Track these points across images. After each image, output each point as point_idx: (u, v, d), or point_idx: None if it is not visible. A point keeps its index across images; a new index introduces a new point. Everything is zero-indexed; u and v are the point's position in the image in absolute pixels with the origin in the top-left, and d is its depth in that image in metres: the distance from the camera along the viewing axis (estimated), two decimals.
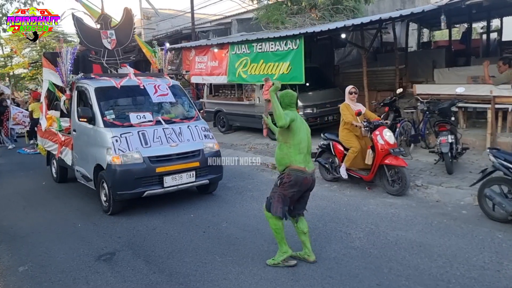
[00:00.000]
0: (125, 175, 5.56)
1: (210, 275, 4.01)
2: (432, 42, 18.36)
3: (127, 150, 5.65)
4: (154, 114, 6.35)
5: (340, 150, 6.83)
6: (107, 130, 5.83)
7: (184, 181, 5.97)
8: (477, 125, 8.86)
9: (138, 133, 5.83)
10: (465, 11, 10.79)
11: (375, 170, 6.34)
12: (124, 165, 5.59)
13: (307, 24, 10.72)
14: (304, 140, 4.00)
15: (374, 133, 6.29)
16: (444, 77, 10.01)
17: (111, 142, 5.66)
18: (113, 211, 5.81)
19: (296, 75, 9.31)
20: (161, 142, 5.90)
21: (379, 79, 11.66)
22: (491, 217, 5.02)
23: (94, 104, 6.16)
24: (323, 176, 7.23)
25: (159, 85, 6.61)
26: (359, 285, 3.70)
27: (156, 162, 5.74)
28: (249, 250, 4.53)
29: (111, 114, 6.10)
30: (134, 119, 6.06)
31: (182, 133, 6.15)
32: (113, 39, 7.19)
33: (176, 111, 6.79)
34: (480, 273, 3.79)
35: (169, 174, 5.79)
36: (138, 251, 4.64)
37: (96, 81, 6.46)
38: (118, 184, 5.58)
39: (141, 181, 5.64)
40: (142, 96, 6.61)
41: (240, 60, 10.53)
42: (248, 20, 13.22)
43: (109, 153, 5.65)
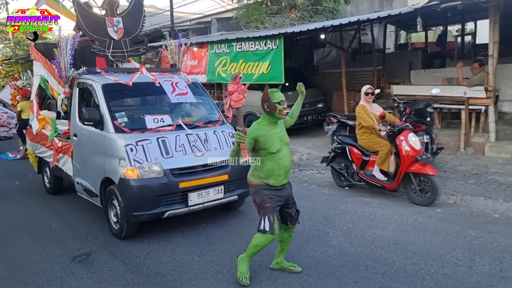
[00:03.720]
0: (142, 192, 4.60)
1: (188, 275, 3.99)
2: (409, 44, 18.75)
3: (144, 161, 4.63)
4: (174, 117, 5.35)
5: (358, 155, 6.30)
6: (119, 137, 4.78)
7: (211, 197, 4.98)
8: (451, 126, 9.09)
9: (158, 140, 4.78)
10: (441, 14, 11.06)
11: (400, 179, 5.81)
12: (141, 179, 4.61)
13: (286, 24, 10.79)
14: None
15: (398, 138, 5.77)
16: (420, 78, 10.22)
17: (124, 151, 4.59)
18: (127, 235, 4.82)
19: (275, 75, 9.36)
20: (184, 151, 4.87)
21: (357, 80, 11.82)
22: None
23: (102, 105, 5.08)
24: (337, 182, 6.75)
25: (176, 83, 5.54)
26: (336, 283, 3.74)
27: (179, 176, 4.77)
28: (228, 249, 4.52)
29: (123, 117, 5.06)
30: (151, 123, 5.05)
31: (208, 140, 5.10)
32: (120, 27, 6.10)
33: (198, 113, 5.79)
34: (453, 269, 3.89)
35: (195, 190, 4.83)
36: (115, 252, 4.58)
37: (103, 77, 5.36)
38: (134, 203, 4.61)
39: (161, 199, 4.67)
40: (158, 96, 5.73)
41: (219, 60, 10.50)
42: (228, 20, 13.20)
43: (122, 164, 4.64)
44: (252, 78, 9.86)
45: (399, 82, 10.87)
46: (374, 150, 6.09)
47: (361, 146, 6.25)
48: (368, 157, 6.21)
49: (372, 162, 6.16)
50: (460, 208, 5.52)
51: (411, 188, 5.79)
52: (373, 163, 6.13)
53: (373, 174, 6.09)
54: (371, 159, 6.17)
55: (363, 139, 6.21)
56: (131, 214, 4.62)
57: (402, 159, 5.71)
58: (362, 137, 6.22)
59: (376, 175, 6.06)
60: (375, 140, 6.08)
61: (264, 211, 3.62)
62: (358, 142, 6.29)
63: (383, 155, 5.92)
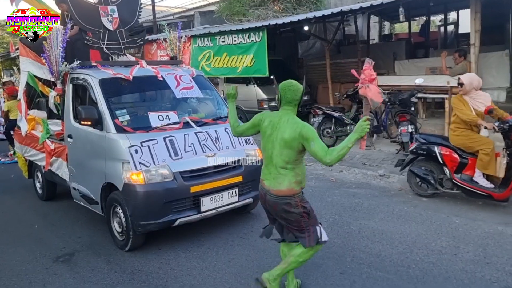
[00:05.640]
0: (150, 199, 4.16)
1: (173, 272, 3.94)
2: (393, 34, 18.84)
3: (151, 164, 4.19)
4: (180, 113, 4.93)
5: (454, 157, 5.19)
6: (122, 137, 4.33)
7: (226, 201, 4.57)
8: (436, 115, 9.16)
9: (165, 140, 4.37)
10: (423, 4, 11.12)
11: None
12: (149, 184, 4.15)
13: (269, 16, 10.73)
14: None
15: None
16: (405, 68, 10.27)
17: (128, 154, 4.17)
18: (133, 246, 4.35)
19: (259, 67, 9.31)
20: (194, 151, 4.46)
21: (342, 71, 11.79)
22: None
23: (100, 102, 4.60)
24: (416, 190, 5.67)
25: (181, 76, 5.12)
26: (322, 275, 3.73)
27: (190, 179, 4.33)
28: (214, 244, 4.48)
29: (125, 115, 4.61)
30: (156, 121, 4.62)
31: (219, 138, 4.70)
32: (115, 17, 5.60)
33: (206, 109, 5.36)
34: (438, 257, 3.91)
35: (207, 194, 4.42)
36: (99, 251, 4.50)
37: (100, 71, 4.89)
38: (140, 211, 4.16)
39: (171, 205, 4.23)
40: (162, 91, 5.32)
41: (203, 53, 10.40)
42: (211, 13, 13.07)
43: (126, 168, 4.18)
44: (236, 72, 9.81)
45: (384, 72, 10.90)
46: (473, 150, 5.07)
47: (454, 145, 5.25)
48: (466, 160, 5.13)
49: (471, 166, 5.10)
50: (444, 196, 5.55)
51: None
52: (472, 167, 5.09)
53: (474, 180, 5.04)
54: (470, 161, 5.12)
55: (457, 136, 5.17)
56: (138, 224, 4.16)
57: None
58: (455, 133, 5.18)
59: (479, 181, 5.00)
60: (473, 138, 5.05)
61: (315, 218, 3.21)
62: (450, 140, 5.29)
63: (486, 156, 4.89)
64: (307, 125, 3.01)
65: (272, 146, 3.10)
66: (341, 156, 2.84)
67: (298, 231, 3.14)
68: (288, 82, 3.15)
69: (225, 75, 10.36)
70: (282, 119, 3.09)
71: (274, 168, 3.10)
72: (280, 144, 3.04)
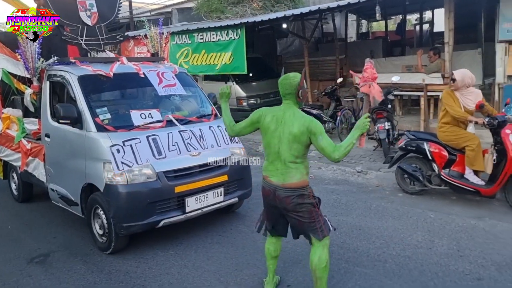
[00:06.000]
0: (133, 200, 4.07)
1: (152, 271, 3.91)
2: (370, 33, 19.12)
3: (134, 163, 4.09)
4: (163, 111, 4.82)
5: (442, 154, 5.20)
6: (103, 136, 4.21)
7: (211, 201, 4.52)
8: (412, 112, 9.34)
9: (148, 139, 4.27)
10: (400, 3, 11.30)
11: (503, 182, 4.79)
12: (132, 185, 4.07)
13: (248, 14, 10.71)
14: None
15: (503, 131, 4.74)
16: (382, 66, 10.39)
17: (110, 153, 4.06)
18: (116, 248, 4.23)
19: (238, 65, 9.30)
20: (178, 150, 4.38)
21: (320, 69, 11.91)
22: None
23: (79, 100, 4.45)
24: (404, 187, 5.67)
25: (163, 73, 5.01)
26: (302, 271, 3.76)
27: (175, 179, 4.27)
28: (193, 243, 4.46)
29: (106, 113, 4.48)
30: (138, 120, 4.49)
31: (204, 136, 4.63)
32: (93, 12, 5.41)
33: (189, 107, 5.28)
34: (413, 251, 3.99)
35: (192, 194, 4.35)
36: (75, 251, 4.42)
37: (79, 68, 4.73)
38: (123, 213, 4.06)
39: (155, 206, 4.14)
40: (143, 88, 5.19)
41: (181, 51, 10.32)
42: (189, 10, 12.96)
43: (108, 168, 4.08)
44: (214, 69, 9.78)
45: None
46: (459, 146, 5.11)
47: (442, 142, 5.27)
48: (455, 156, 5.17)
49: (459, 162, 5.15)
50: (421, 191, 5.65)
51: None
52: (460, 163, 5.15)
53: (465, 177, 5.09)
54: (458, 158, 5.16)
55: (444, 133, 5.21)
56: (120, 226, 4.05)
57: (509, 157, 4.67)
58: (442, 130, 5.22)
59: (470, 178, 5.04)
60: (459, 134, 5.09)
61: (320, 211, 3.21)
62: (438, 136, 5.32)
63: (471, 152, 4.95)
64: (314, 119, 3.02)
65: (279, 141, 3.04)
66: (347, 152, 2.89)
67: (310, 224, 3.12)
68: (284, 75, 3.14)
69: (204, 72, 10.30)
70: (287, 113, 3.05)
71: (281, 163, 3.05)
72: (289, 138, 3.00)
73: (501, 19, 7.15)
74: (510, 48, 7.15)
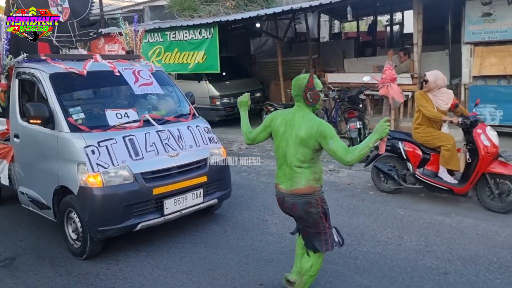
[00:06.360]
0: (109, 202, 3.95)
1: (122, 272, 3.84)
2: (343, 33, 19.37)
3: (110, 165, 3.94)
4: (139, 111, 4.65)
5: (417, 153, 5.28)
6: (76, 137, 4.04)
7: (190, 203, 4.41)
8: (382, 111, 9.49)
9: (124, 140, 4.11)
10: (370, 4, 11.48)
11: (475, 180, 4.88)
12: (107, 187, 3.93)
13: (221, 13, 10.67)
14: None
15: (475, 131, 4.83)
16: (353, 66, 10.58)
17: (84, 154, 3.90)
18: (91, 253, 4.07)
19: (211, 64, 9.27)
20: (156, 151, 4.23)
21: (294, 69, 11.97)
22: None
23: (51, 98, 4.26)
24: (380, 186, 5.73)
25: (139, 71, 4.85)
26: (274, 270, 3.78)
27: (152, 180, 4.14)
28: (165, 243, 4.41)
29: (79, 113, 4.30)
30: (113, 119, 4.33)
31: (182, 136, 4.49)
32: (65, 7, 5.27)
33: (167, 106, 5.12)
34: (383, 248, 4.08)
35: (171, 196, 4.24)
36: (43, 254, 4.29)
37: (50, 65, 4.53)
38: (99, 216, 3.92)
39: (132, 209, 4.01)
40: (119, 87, 5.00)
41: (153, 49, 10.19)
42: (161, 8, 12.80)
43: (82, 170, 3.92)
44: (187, 68, 9.71)
45: (334, 70, 11.18)
46: (434, 146, 5.20)
47: (417, 141, 5.32)
48: (428, 155, 5.26)
49: (433, 161, 5.24)
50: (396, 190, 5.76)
51: (485, 191, 4.93)
52: (434, 162, 5.23)
53: (439, 176, 5.17)
54: (432, 157, 5.25)
55: (419, 134, 5.25)
56: (96, 230, 3.90)
57: (480, 156, 4.75)
58: (417, 131, 5.26)
59: (443, 177, 5.12)
60: (434, 134, 5.17)
61: (330, 222, 3.07)
62: (414, 137, 5.36)
63: (447, 151, 5.03)
64: (324, 122, 2.89)
65: (286, 145, 2.94)
66: (362, 155, 2.73)
67: (314, 235, 2.99)
68: (297, 77, 3.01)
69: (176, 71, 10.20)
70: (296, 115, 2.95)
71: (288, 168, 2.94)
72: (296, 142, 2.88)
73: (467, 21, 7.39)
74: (475, 50, 7.40)
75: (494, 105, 7.24)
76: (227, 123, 10.57)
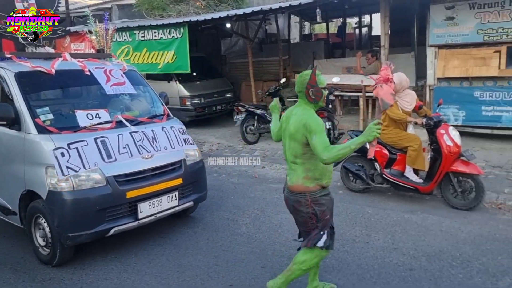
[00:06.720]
0: (80, 207, 3.78)
1: (89, 277, 3.74)
2: (313, 34, 19.57)
3: (81, 168, 3.78)
4: (111, 111, 4.50)
5: (383, 153, 5.36)
6: (45, 139, 3.86)
7: (165, 206, 4.30)
8: (351, 112, 9.69)
9: (96, 141, 3.96)
10: (340, 7, 11.68)
11: (439, 179, 5.04)
12: (78, 191, 3.77)
13: (191, 12, 10.58)
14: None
15: (438, 131, 4.98)
16: (323, 67, 10.70)
17: (53, 157, 3.73)
18: (61, 260, 3.91)
19: (181, 64, 9.19)
20: (130, 153, 4.09)
21: (264, 69, 12.06)
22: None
23: (17, 99, 4.07)
24: (349, 185, 5.81)
25: (110, 70, 4.71)
26: (244, 270, 3.77)
27: (126, 184, 4.01)
28: (133, 246, 4.33)
29: (47, 114, 4.12)
30: (84, 120, 4.17)
31: (156, 138, 4.37)
32: (31, 3, 5.14)
33: (140, 107, 4.97)
34: (352, 246, 4.14)
35: (145, 199, 4.12)
36: (4, 259, 4.13)
37: (16, 64, 4.35)
38: (69, 222, 3.76)
39: (105, 213, 3.88)
40: (89, 86, 4.82)
41: (121, 48, 9.99)
42: (130, 7, 12.56)
43: (51, 174, 3.76)
44: (157, 68, 9.59)
45: None
46: (401, 146, 5.33)
47: (384, 142, 5.38)
48: (395, 155, 5.37)
49: (400, 161, 5.36)
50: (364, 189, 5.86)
51: (449, 189, 5.09)
52: (401, 162, 5.36)
53: (405, 176, 5.30)
54: (398, 157, 5.37)
55: (386, 135, 5.31)
56: (66, 236, 3.74)
57: (443, 156, 4.90)
58: (385, 132, 5.23)
59: (409, 176, 5.27)
60: (401, 135, 5.31)
61: (324, 223, 2.96)
62: (381, 138, 5.14)
63: (414, 152, 5.17)
64: (314, 117, 2.84)
65: (285, 140, 3.01)
66: (340, 155, 2.67)
67: (305, 233, 3.04)
68: (300, 73, 3.03)
69: (146, 71, 10.03)
70: (294, 111, 2.98)
71: (288, 163, 3.02)
72: (289, 137, 2.92)
73: (431, 25, 7.62)
74: (439, 52, 7.64)
75: (457, 106, 7.50)
76: (198, 123, 10.51)
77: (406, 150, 5.29)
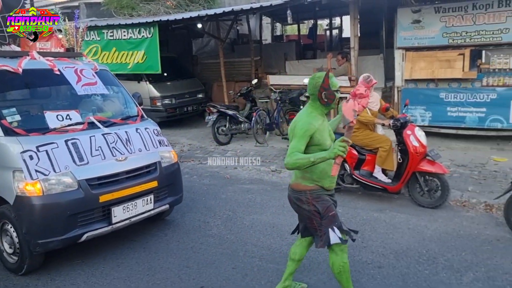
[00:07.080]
0: (50, 212, 3.64)
1: (54, 282, 3.64)
2: (284, 36, 19.69)
3: (51, 171, 3.62)
4: (83, 112, 4.35)
5: (352, 154, 5.44)
6: (11, 141, 3.69)
7: (140, 210, 4.21)
8: None
9: (67, 144, 3.80)
10: (310, 9, 11.78)
11: (407, 179, 5.15)
12: (48, 195, 3.63)
13: (161, 12, 10.46)
14: None
15: (405, 132, 5.08)
16: (295, 68, 10.79)
17: (21, 160, 3.56)
18: (29, 268, 3.76)
19: (151, 64, 9.06)
20: (103, 155, 3.96)
21: (236, 70, 12.03)
22: None
23: None
24: None
25: (81, 70, 4.55)
26: (215, 271, 3.75)
27: (99, 187, 3.90)
28: (101, 249, 4.24)
29: (14, 115, 3.96)
30: (54, 122, 4.02)
31: (130, 140, 4.24)
32: None
33: (113, 107, 4.86)
34: None
35: (119, 203, 4.02)
36: None
37: None
38: (39, 228, 3.61)
39: (77, 218, 3.74)
40: (59, 86, 4.63)
41: (89, 48, 9.74)
42: (98, 5, 12.30)
43: (19, 177, 3.59)
44: (126, 68, 9.42)
45: (276, 72, 11.34)
46: (372, 147, 5.44)
47: (353, 143, 5.37)
48: (364, 156, 5.48)
49: (369, 161, 5.47)
50: None
51: (416, 188, 5.21)
52: (370, 163, 5.47)
53: (374, 176, 5.41)
54: (368, 158, 5.49)
55: (358, 136, 5.40)
56: (35, 243, 3.58)
57: (410, 156, 5.02)
58: (355, 134, 5.32)
59: (378, 176, 5.38)
60: (372, 136, 5.44)
61: (330, 220, 2.93)
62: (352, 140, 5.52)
63: (384, 152, 5.29)
64: (303, 120, 2.84)
65: None
66: (298, 164, 2.68)
67: (312, 230, 3.06)
68: (313, 75, 2.99)
69: (115, 71, 9.73)
70: (299, 113, 3.00)
71: None
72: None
73: (399, 27, 7.81)
74: (406, 55, 7.83)
75: (424, 107, 7.71)
76: (169, 124, 10.38)
77: (376, 150, 5.40)
